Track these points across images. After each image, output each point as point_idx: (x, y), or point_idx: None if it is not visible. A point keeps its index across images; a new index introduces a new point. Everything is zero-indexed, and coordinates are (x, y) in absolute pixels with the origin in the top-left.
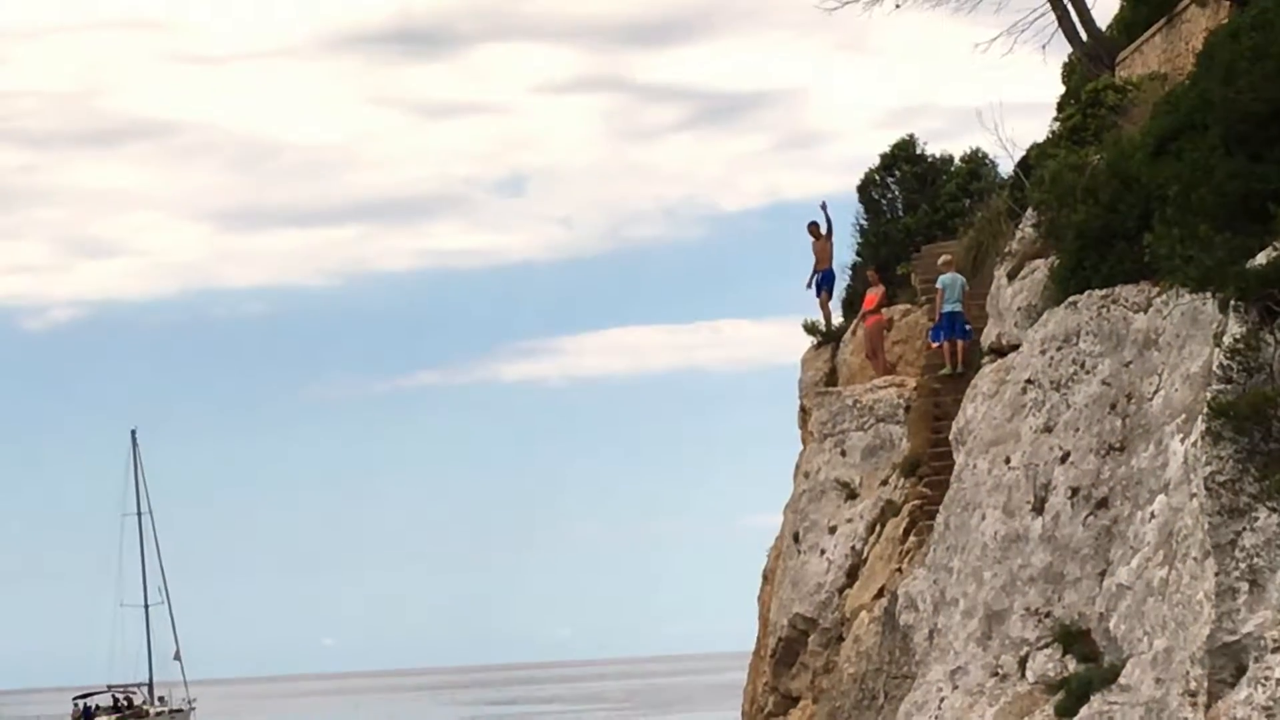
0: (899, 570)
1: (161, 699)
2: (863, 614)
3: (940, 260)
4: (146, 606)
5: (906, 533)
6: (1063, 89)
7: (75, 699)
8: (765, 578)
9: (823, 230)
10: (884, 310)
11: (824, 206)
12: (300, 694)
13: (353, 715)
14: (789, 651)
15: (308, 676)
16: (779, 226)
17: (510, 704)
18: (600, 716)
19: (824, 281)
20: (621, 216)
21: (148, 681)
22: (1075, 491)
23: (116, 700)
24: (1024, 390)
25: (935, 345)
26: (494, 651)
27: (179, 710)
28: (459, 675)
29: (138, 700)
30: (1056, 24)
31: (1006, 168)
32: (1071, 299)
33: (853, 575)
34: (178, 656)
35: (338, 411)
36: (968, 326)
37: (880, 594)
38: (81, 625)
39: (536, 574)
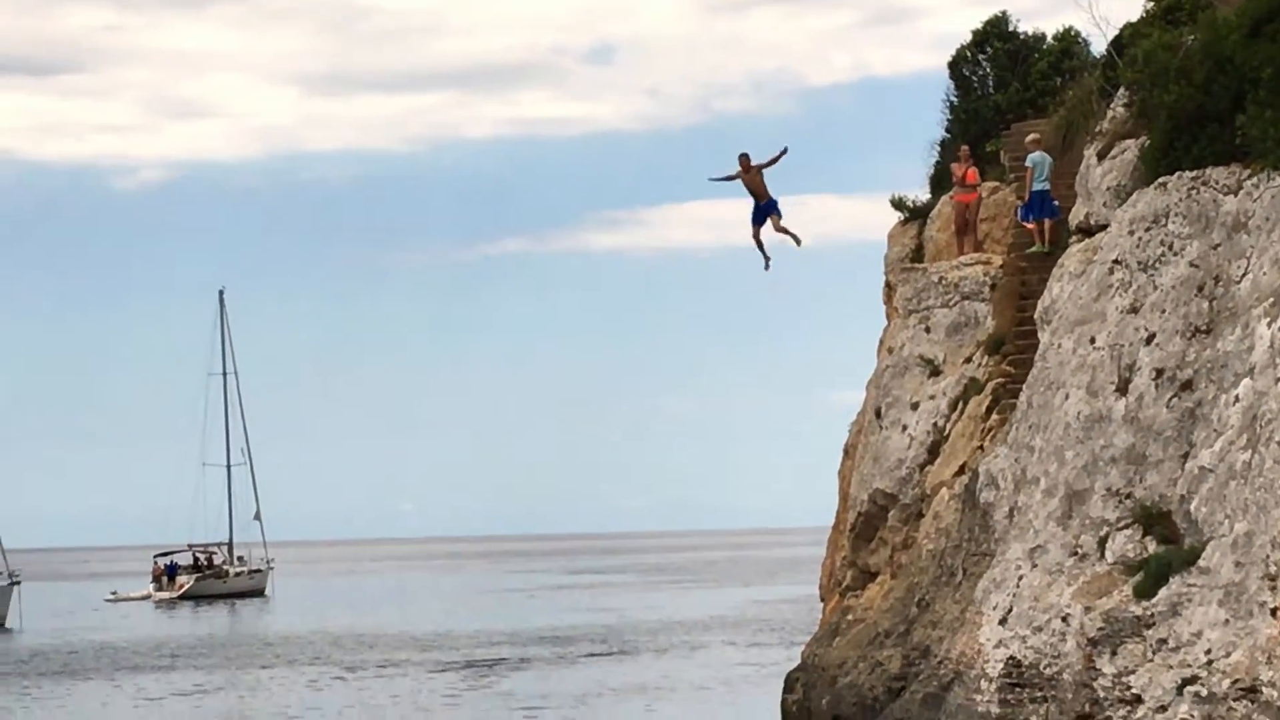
0: (980, 448)
1: (240, 559)
2: (943, 491)
3: (1028, 139)
4: (229, 467)
5: (989, 410)
6: None
7: (156, 557)
8: (846, 452)
9: (753, 162)
10: (974, 188)
11: (784, 151)
12: (377, 558)
13: (427, 581)
14: (868, 527)
15: (385, 541)
16: (868, 102)
17: (584, 574)
18: (676, 589)
19: (767, 210)
20: (710, 89)
21: (228, 541)
22: (1160, 373)
23: (197, 559)
24: (1111, 270)
25: (1025, 224)
26: (570, 522)
27: (257, 570)
28: (534, 544)
29: (217, 560)
30: None
31: (1099, 47)
32: (1161, 180)
33: (934, 452)
34: (258, 517)
35: (423, 278)
36: (1055, 204)
37: (961, 471)
38: (164, 484)
39: (615, 445)
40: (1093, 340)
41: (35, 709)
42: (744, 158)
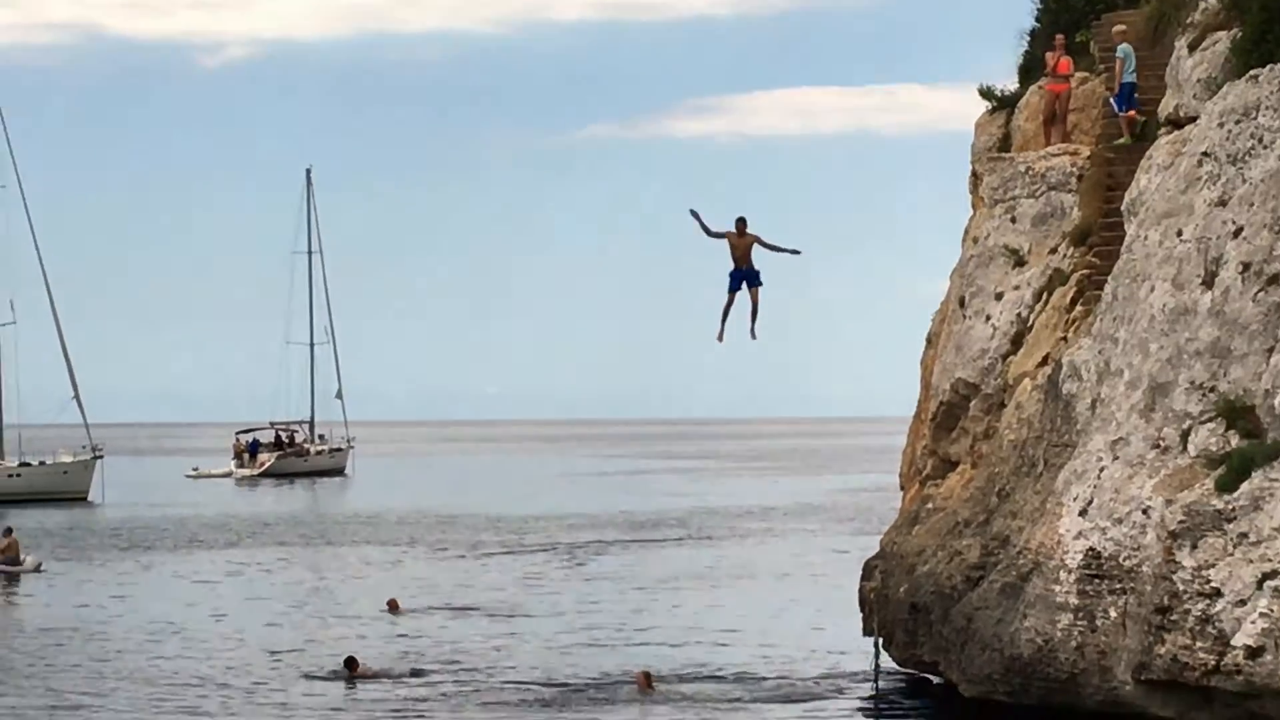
0: (1064, 339)
1: (322, 437)
2: (1026, 381)
3: (1114, 29)
4: (312, 345)
5: (1073, 302)
6: None
7: (238, 434)
8: (929, 341)
9: (749, 230)
10: (1067, 78)
11: (796, 252)
12: (459, 439)
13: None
14: (950, 416)
15: (468, 423)
16: None
17: (666, 459)
18: (757, 476)
19: (748, 278)
20: None
21: (309, 420)
22: (1246, 267)
23: (278, 436)
24: (1199, 163)
25: (1114, 114)
26: (653, 407)
27: (338, 449)
28: (616, 428)
29: (299, 438)
30: None
31: None
32: (1253, 72)
33: (1017, 342)
34: (339, 396)
35: (509, 160)
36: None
37: (1044, 362)
38: (247, 362)
39: (698, 332)
40: (1179, 233)
41: (114, 582)
42: (740, 222)
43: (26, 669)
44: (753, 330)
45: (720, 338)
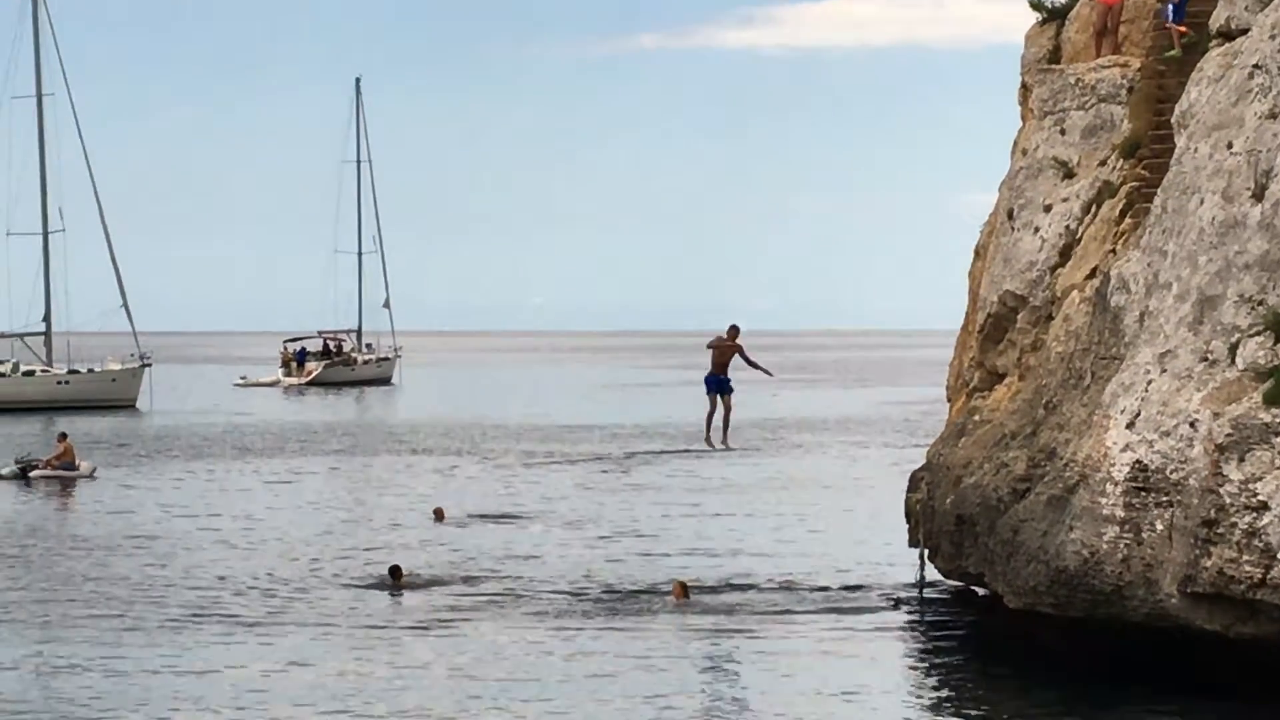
0: (1113, 251)
1: (369, 346)
2: (1074, 293)
3: None
4: (360, 255)
5: (1122, 214)
6: None
7: (286, 342)
8: (977, 253)
9: (739, 341)
10: None
11: (769, 374)
12: (506, 350)
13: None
14: (997, 328)
15: (514, 334)
16: None
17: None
18: (803, 388)
19: (721, 386)
20: None
21: (357, 329)
22: None
23: (326, 345)
24: (1251, 75)
25: (1169, 25)
26: (699, 319)
27: (385, 359)
28: (661, 340)
29: (346, 347)
30: None
31: None
32: None
33: (1065, 254)
34: (387, 305)
35: (557, 71)
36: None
37: (1092, 274)
38: (295, 271)
39: (744, 244)
40: (1230, 145)
41: (163, 489)
42: (734, 329)
43: (77, 575)
44: (726, 440)
45: (708, 441)
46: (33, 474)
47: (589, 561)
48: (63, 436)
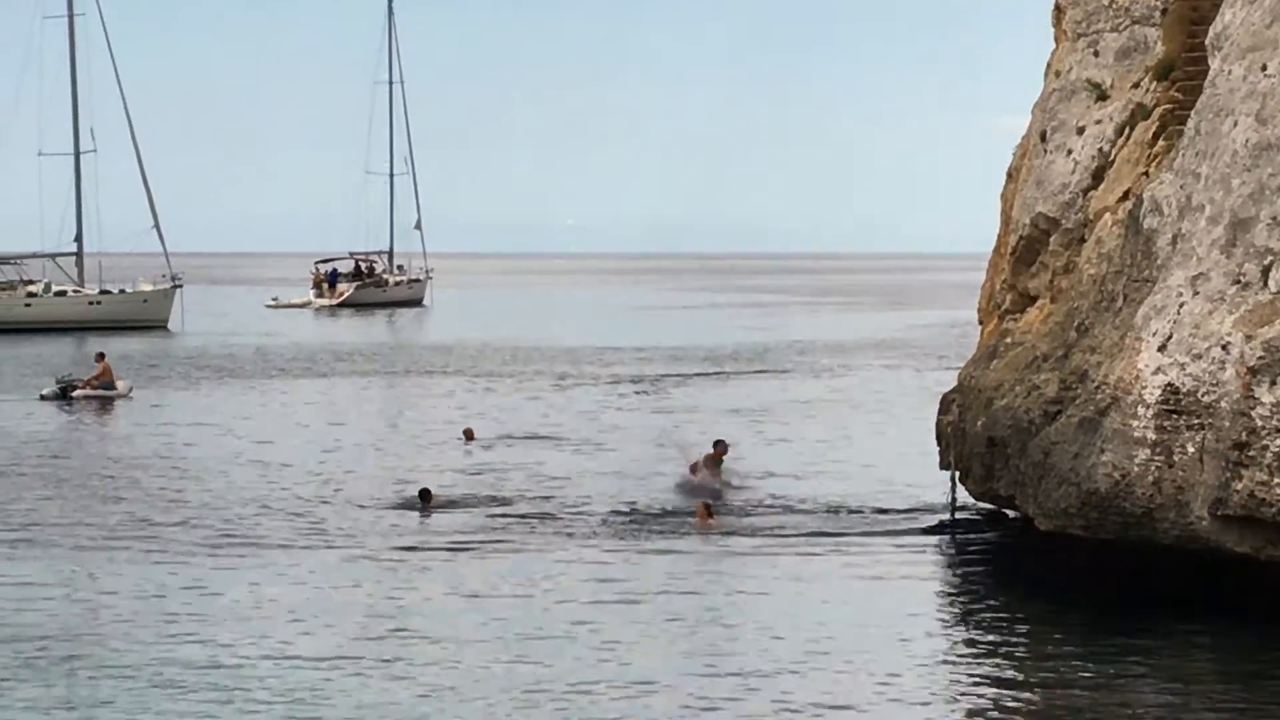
0: (1145, 174)
1: (400, 267)
2: (1106, 216)
3: None
4: (391, 176)
5: (1156, 136)
6: None
7: (317, 263)
8: (1009, 176)
9: (726, 455)
10: None
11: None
12: (538, 272)
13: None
14: (1029, 250)
15: (547, 256)
16: None
17: (744, 292)
18: (835, 310)
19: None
20: None
21: (388, 250)
22: None
23: (358, 266)
24: None
25: None
26: (731, 241)
27: (416, 280)
28: (694, 262)
29: (378, 268)
30: None
31: None
32: None
33: (1098, 177)
34: (418, 226)
35: None
36: None
37: (1125, 197)
38: (327, 191)
39: (778, 166)
40: (1264, 68)
41: (195, 409)
42: (721, 446)
43: (110, 493)
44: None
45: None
46: (74, 394)
47: (616, 483)
48: (100, 356)
